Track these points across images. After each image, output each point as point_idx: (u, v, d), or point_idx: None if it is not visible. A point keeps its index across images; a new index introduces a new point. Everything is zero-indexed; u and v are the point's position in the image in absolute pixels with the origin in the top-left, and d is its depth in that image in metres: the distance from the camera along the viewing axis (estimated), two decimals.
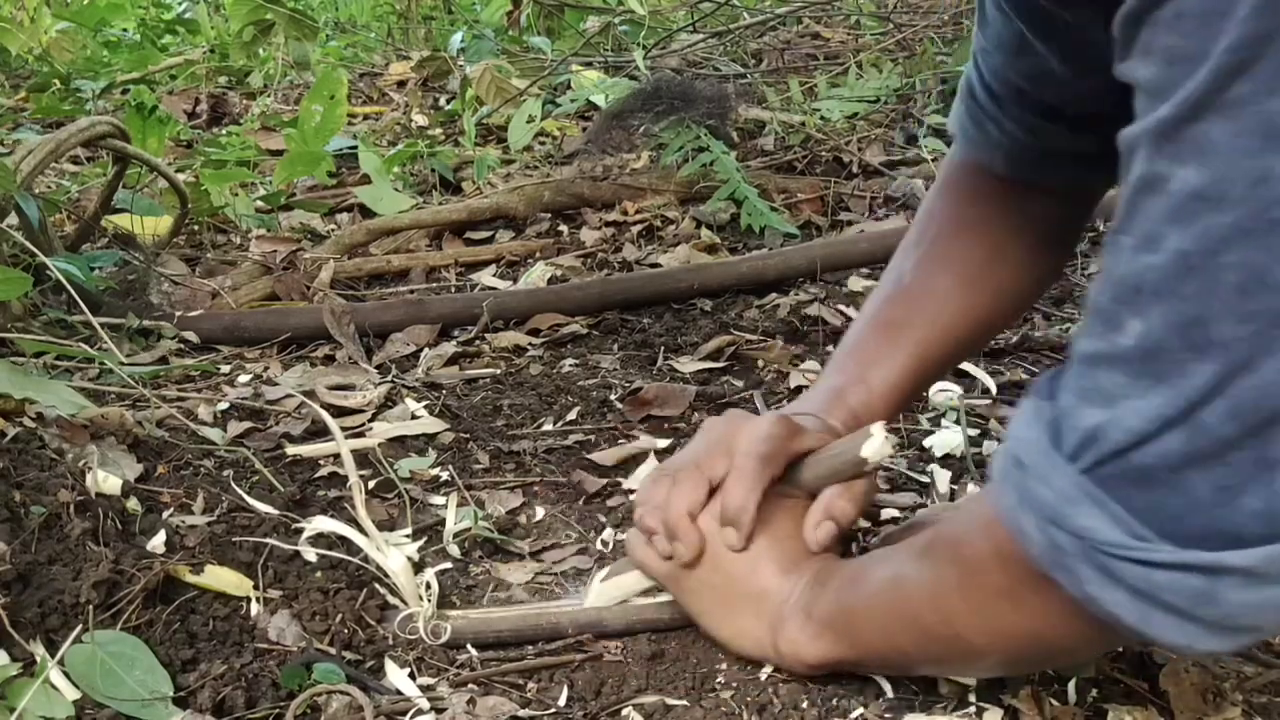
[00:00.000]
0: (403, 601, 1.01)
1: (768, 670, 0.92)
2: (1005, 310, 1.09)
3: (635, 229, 2.17)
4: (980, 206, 1.05)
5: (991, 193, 1.03)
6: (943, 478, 1.24)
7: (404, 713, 0.89)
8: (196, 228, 2.15)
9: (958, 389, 1.43)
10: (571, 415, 1.44)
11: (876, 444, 0.93)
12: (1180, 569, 0.63)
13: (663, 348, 1.65)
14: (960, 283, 1.04)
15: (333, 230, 2.23)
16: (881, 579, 0.87)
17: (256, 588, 1.02)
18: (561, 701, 0.91)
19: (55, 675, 0.89)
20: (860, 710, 0.88)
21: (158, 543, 1.07)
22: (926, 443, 1.32)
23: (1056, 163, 0.96)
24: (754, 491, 0.93)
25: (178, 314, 1.72)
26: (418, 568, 1.07)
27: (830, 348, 1.63)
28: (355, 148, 2.55)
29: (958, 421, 1.33)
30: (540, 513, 1.22)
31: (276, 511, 1.14)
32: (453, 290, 1.97)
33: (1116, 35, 0.62)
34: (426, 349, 1.67)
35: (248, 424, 1.39)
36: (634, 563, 1.00)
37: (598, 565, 1.11)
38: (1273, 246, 0.57)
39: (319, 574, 1.04)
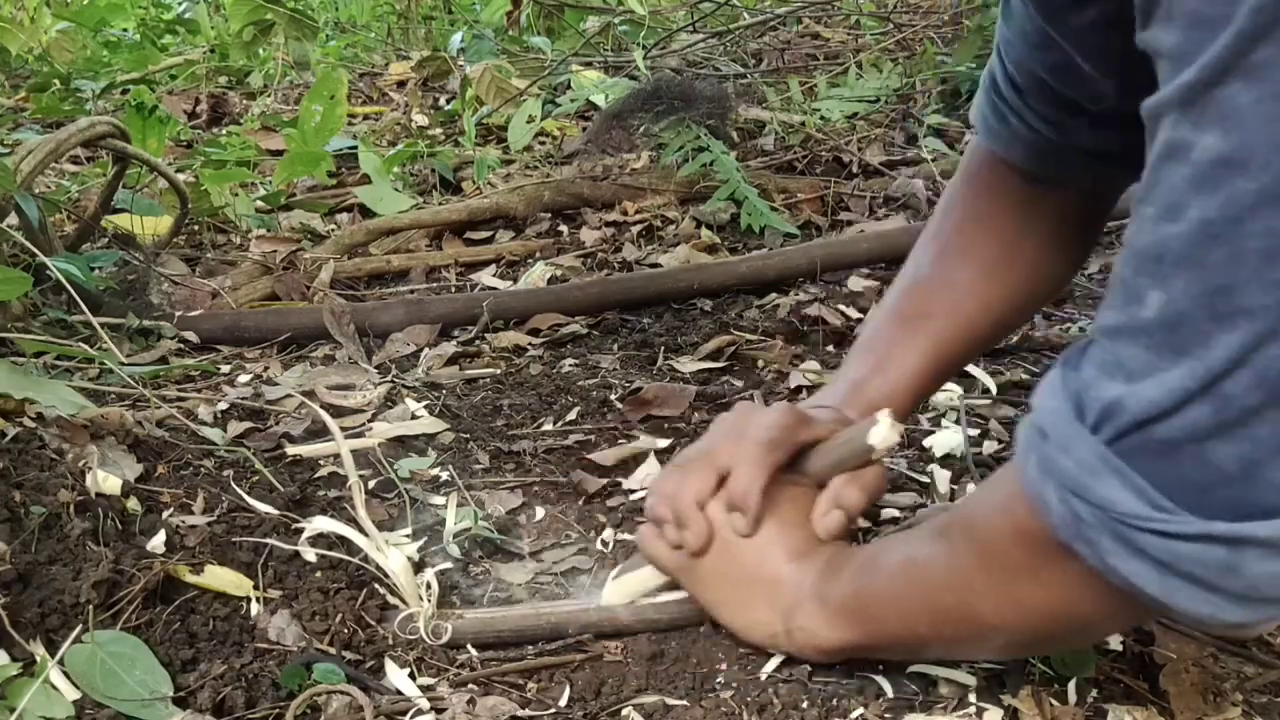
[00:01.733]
0: (403, 601, 1.01)
1: (768, 670, 0.92)
2: (1022, 304, 1.09)
3: (635, 229, 2.17)
4: (999, 200, 1.04)
5: (1011, 187, 1.03)
6: (943, 478, 1.24)
7: (404, 713, 0.89)
8: (196, 228, 2.15)
9: (958, 389, 1.43)
10: (571, 415, 1.44)
11: (883, 432, 0.93)
12: (1203, 540, 0.63)
13: (663, 348, 1.65)
14: (978, 276, 1.04)
15: (333, 230, 2.23)
16: (897, 562, 0.87)
17: (256, 588, 1.02)
18: (562, 701, 0.91)
19: (55, 675, 0.89)
20: (860, 710, 0.88)
21: (158, 543, 1.07)
22: (926, 443, 1.32)
23: (1077, 159, 0.96)
24: (759, 477, 0.93)
25: (178, 314, 1.72)
26: (418, 568, 1.07)
27: (830, 348, 1.63)
28: (355, 148, 2.55)
29: (958, 421, 1.33)
30: (540, 513, 1.22)
31: (276, 511, 1.14)
32: (453, 290, 1.97)
33: (1138, 3, 0.61)
34: (426, 349, 1.67)
35: (248, 424, 1.39)
36: (645, 555, 1.00)
37: (598, 565, 1.12)
38: None
39: (319, 574, 1.04)
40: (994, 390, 1.45)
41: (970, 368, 1.48)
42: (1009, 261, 1.03)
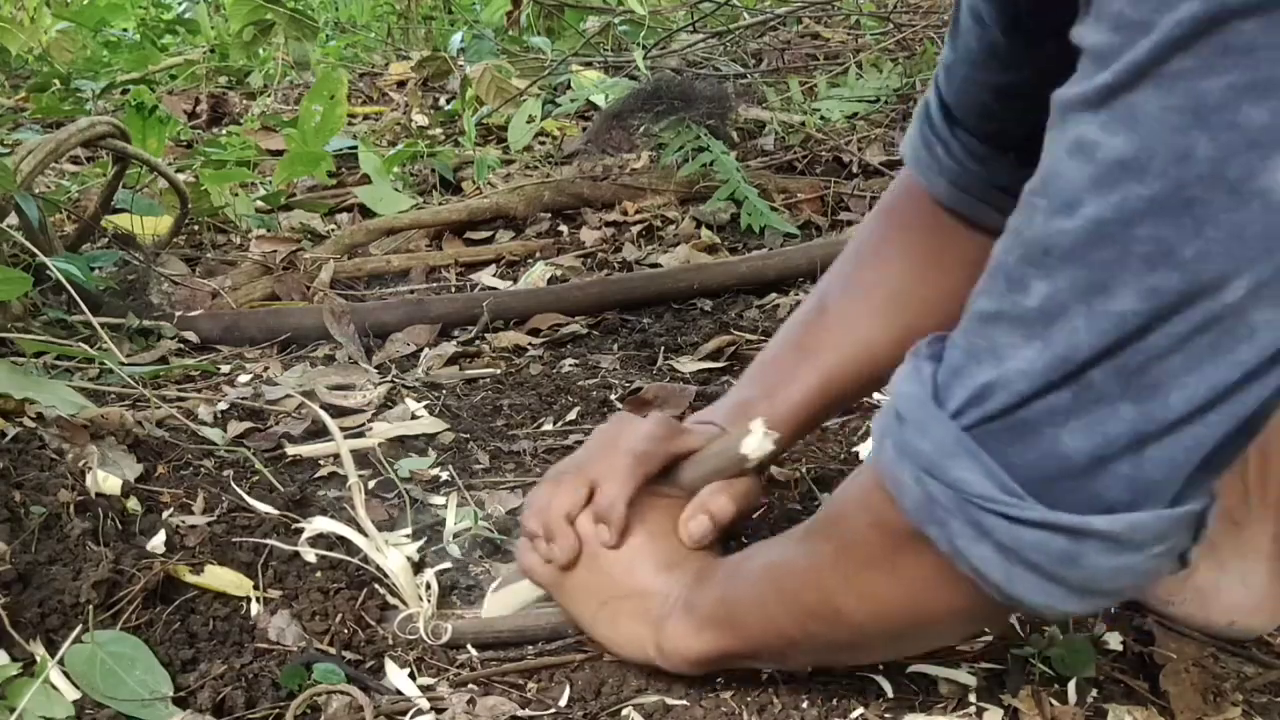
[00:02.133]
0: (403, 601, 1.01)
1: (768, 670, 0.92)
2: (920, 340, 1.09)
3: (635, 229, 2.17)
4: (910, 234, 1.04)
5: (925, 222, 1.03)
6: None
7: (404, 713, 0.89)
8: (196, 228, 2.15)
9: None
10: (571, 415, 1.44)
11: (756, 440, 0.93)
12: (1047, 528, 0.65)
13: (663, 348, 1.65)
14: (878, 311, 1.04)
15: (333, 230, 2.23)
16: (762, 565, 0.87)
17: (256, 588, 1.02)
18: (562, 701, 0.91)
19: (55, 675, 0.89)
20: (860, 710, 0.88)
21: (158, 543, 1.07)
22: None
23: (999, 197, 0.95)
24: (625, 488, 0.93)
25: (178, 314, 1.72)
26: (418, 568, 1.07)
27: None
28: (355, 148, 2.55)
29: None
30: None
31: (276, 511, 1.14)
32: (453, 290, 1.97)
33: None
34: (426, 349, 1.67)
35: (248, 424, 1.39)
36: (521, 569, 0.99)
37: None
38: (1184, 225, 0.57)
39: (319, 574, 1.04)
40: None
41: None
42: (913, 299, 1.03)
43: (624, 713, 0.89)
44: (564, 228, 2.23)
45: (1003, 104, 0.92)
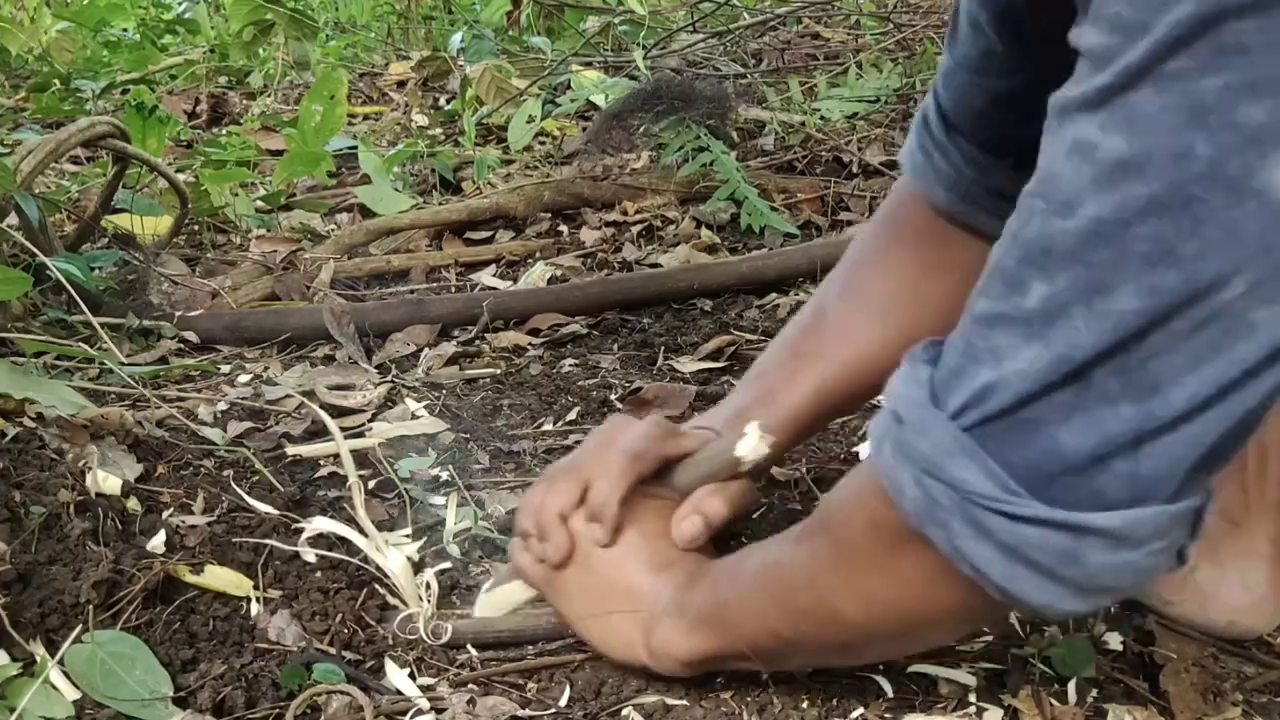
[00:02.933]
0: (403, 601, 1.01)
1: (768, 670, 0.92)
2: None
3: (635, 229, 2.17)
4: (908, 241, 1.05)
5: (922, 229, 1.03)
6: None
7: (404, 713, 0.89)
8: (196, 228, 2.15)
9: None
10: (571, 415, 1.44)
11: (751, 443, 0.93)
12: (1048, 526, 0.65)
13: (663, 348, 1.65)
14: (875, 317, 1.04)
15: (333, 230, 2.23)
16: (756, 566, 0.87)
17: (256, 588, 1.02)
18: (562, 701, 0.91)
19: (55, 675, 0.89)
20: (860, 710, 0.88)
21: (158, 543, 1.07)
22: None
23: (995, 203, 0.95)
24: (618, 486, 0.94)
25: (178, 314, 1.72)
26: (418, 568, 1.07)
27: None
28: (355, 148, 2.55)
29: None
30: None
31: (276, 511, 1.14)
32: (453, 290, 1.97)
33: (1076, 1, 0.62)
34: (426, 349, 1.67)
35: (248, 424, 1.39)
36: (514, 569, 0.99)
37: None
38: (1183, 224, 0.58)
39: (319, 574, 1.04)
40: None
41: None
42: (910, 306, 1.03)
43: (624, 713, 0.89)
44: (564, 228, 2.23)
45: (1000, 110, 0.93)
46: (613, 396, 1.48)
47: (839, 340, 1.05)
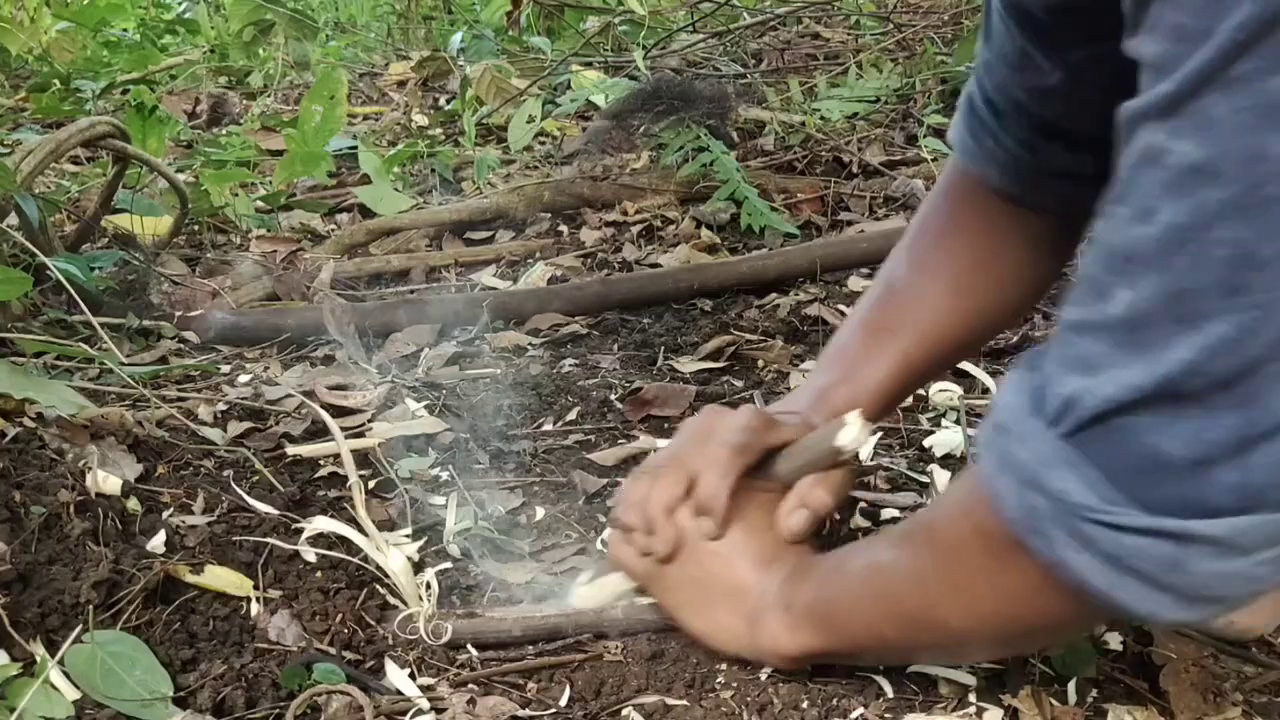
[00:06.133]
0: (403, 601, 1.01)
1: (768, 670, 0.92)
2: (993, 318, 1.09)
3: (635, 229, 2.17)
4: (973, 217, 1.05)
5: (984, 205, 1.03)
6: (943, 478, 1.24)
7: (404, 713, 0.89)
8: (196, 228, 2.15)
9: (958, 389, 1.43)
10: (571, 415, 1.44)
11: (852, 433, 0.93)
12: (1150, 534, 0.64)
13: (663, 348, 1.65)
14: (948, 291, 1.04)
15: (333, 230, 2.23)
16: (861, 567, 0.87)
17: (256, 588, 1.02)
18: (562, 701, 0.91)
19: (55, 675, 0.89)
20: (860, 710, 0.88)
21: (158, 543, 1.07)
22: (926, 443, 1.32)
23: (1050, 181, 0.96)
24: (726, 479, 0.93)
25: (178, 314, 1.72)
26: (418, 568, 1.07)
27: None
28: (355, 148, 2.55)
29: (958, 421, 1.33)
30: (540, 513, 1.22)
31: (276, 511, 1.14)
32: (453, 290, 1.97)
33: (1126, 11, 0.62)
34: (426, 349, 1.67)
35: (248, 424, 1.39)
36: (614, 563, 0.99)
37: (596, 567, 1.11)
38: (1262, 225, 0.58)
39: (319, 574, 1.04)
40: (994, 390, 1.45)
41: (970, 367, 1.48)
42: (979, 278, 1.04)
43: (624, 713, 0.89)
44: (564, 228, 2.23)
45: (1040, 103, 0.93)
46: (613, 396, 1.48)
47: (914, 314, 1.04)
